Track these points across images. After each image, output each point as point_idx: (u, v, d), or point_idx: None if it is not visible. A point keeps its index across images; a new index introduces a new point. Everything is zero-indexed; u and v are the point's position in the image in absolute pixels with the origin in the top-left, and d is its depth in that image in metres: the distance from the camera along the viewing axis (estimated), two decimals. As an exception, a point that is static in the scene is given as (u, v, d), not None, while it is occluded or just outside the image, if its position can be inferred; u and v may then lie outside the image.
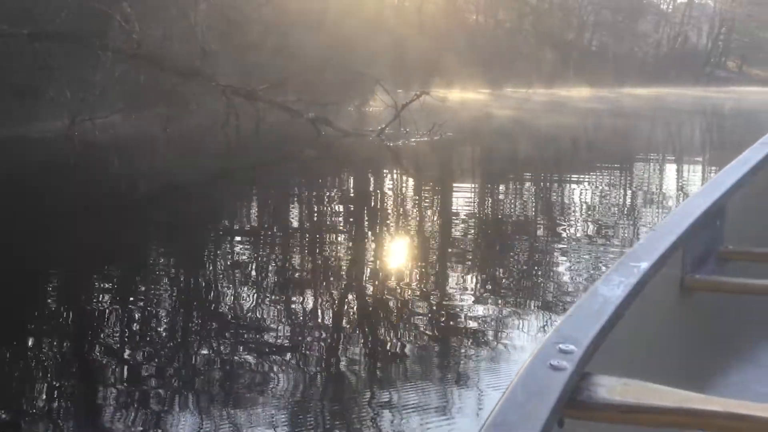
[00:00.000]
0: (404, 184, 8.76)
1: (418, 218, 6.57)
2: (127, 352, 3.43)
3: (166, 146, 12.21)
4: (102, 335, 3.67)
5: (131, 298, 4.22)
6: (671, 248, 1.64)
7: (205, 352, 3.37)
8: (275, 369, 3.12)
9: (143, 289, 4.46)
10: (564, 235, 5.80)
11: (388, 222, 6.54)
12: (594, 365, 1.16)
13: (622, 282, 1.39)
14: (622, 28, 50.05)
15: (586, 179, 8.79)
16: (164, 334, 3.70)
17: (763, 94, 35.00)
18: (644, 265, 1.49)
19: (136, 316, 3.94)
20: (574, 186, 8.55)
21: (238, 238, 5.82)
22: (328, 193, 8.29)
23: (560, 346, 1.12)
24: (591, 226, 6.19)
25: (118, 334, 3.70)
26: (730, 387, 1.83)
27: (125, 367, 3.24)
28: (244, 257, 5.23)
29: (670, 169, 10.61)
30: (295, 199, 7.94)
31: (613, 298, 1.32)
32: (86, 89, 12.10)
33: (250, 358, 3.23)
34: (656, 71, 47.84)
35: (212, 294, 4.44)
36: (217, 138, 12.92)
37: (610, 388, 1.09)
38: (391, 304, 4.04)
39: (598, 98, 31.15)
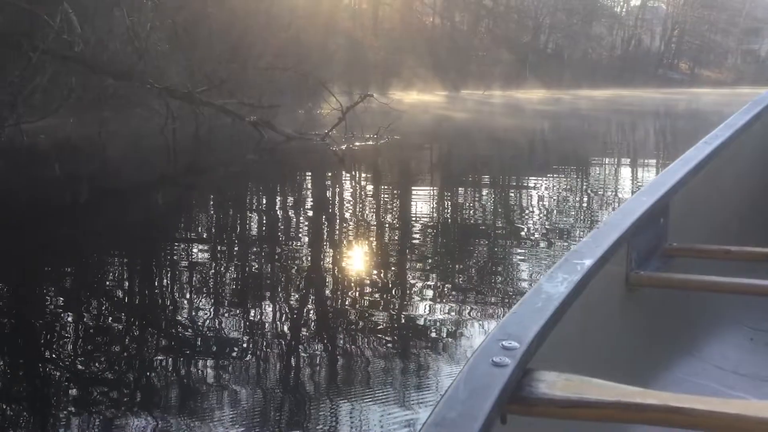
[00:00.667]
0: (344, 189, 8.32)
1: (356, 223, 6.20)
2: (61, 365, 3.16)
3: (99, 150, 11.61)
4: (26, 351, 3.35)
5: (59, 310, 3.82)
6: (615, 245, 1.65)
7: (139, 360, 3.17)
8: (213, 376, 2.98)
9: (67, 299, 4.04)
10: (512, 238, 5.47)
11: (327, 227, 6.15)
12: (537, 361, 1.16)
13: (565, 279, 1.40)
14: (576, 31, 50.46)
15: (536, 182, 8.50)
16: (92, 345, 3.36)
17: (713, 95, 35.46)
18: (588, 262, 1.49)
19: (70, 327, 3.61)
20: (522, 189, 8.25)
21: (168, 248, 5.35)
22: (263, 200, 7.85)
23: (503, 343, 1.13)
24: (540, 228, 5.89)
25: (45, 348, 3.33)
26: (673, 381, 1.87)
27: (58, 381, 3.01)
28: (179, 266, 4.79)
29: (624, 170, 10.39)
30: (228, 205, 7.46)
31: (557, 294, 1.32)
32: (14, 92, 11.41)
33: (186, 366, 3.09)
34: (610, 73, 48.35)
35: (146, 301, 4.15)
36: (155, 142, 12.36)
37: (552, 383, 1.09)
38: (330, 309, 3.77)
39: (553, 100, 31.16)
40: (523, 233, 5.68)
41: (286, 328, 3.57)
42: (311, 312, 3.81)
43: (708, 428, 1.01)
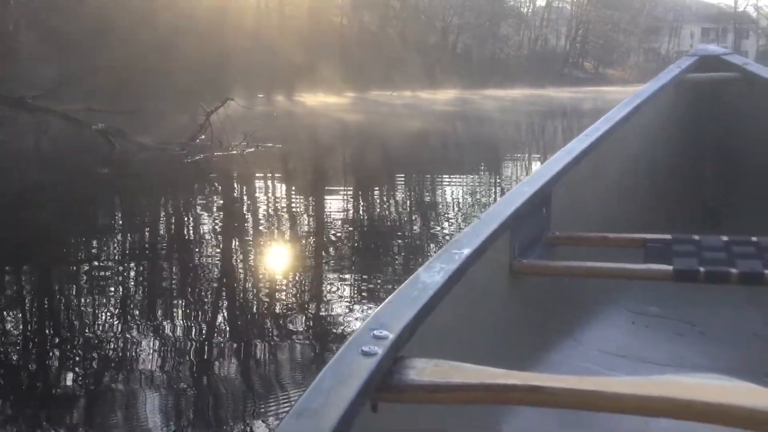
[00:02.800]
0: (178, 209, 7.34)
1: (198, 250, 5.38)
2: None
3: None
4: None
5: None
6: (496, 234, 1.67)
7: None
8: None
9: None
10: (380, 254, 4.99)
11: (163, 255, 5.38)
12: (410, 350, 1.16)
13: (443, 268, 1.40)
14: (484, 32, 51.00)
15: (402, 188, 8.10)
16: None
17: (617, 93, 36.26)
18: (467, 251, 1.51)
19: None
20: (393, 198, 7.70)
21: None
22: (94, 221, 6.76)
23: (374, 332, 1.12)
24: (414, 235, 5.45)
25: None
26: (553, 364, 1.91)
27: None
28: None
29: (521, 170, 10.05)
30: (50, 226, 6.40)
31: (432, 283, 1.33)
32: None
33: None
34: (518, 73, 49.07)
35: None
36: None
37: (420, 369, 1.09)
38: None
39: (460, 100, 31.07)
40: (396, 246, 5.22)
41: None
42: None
43: (566, 405, 1.05)
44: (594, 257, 1.95)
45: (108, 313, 3.90)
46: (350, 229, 6.11)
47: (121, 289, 4.40)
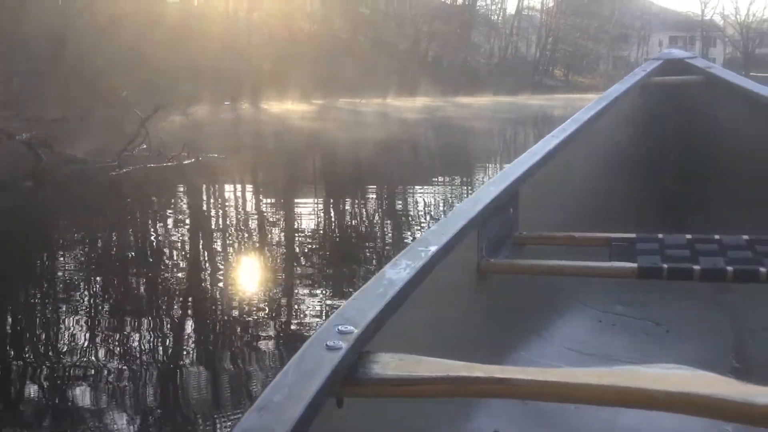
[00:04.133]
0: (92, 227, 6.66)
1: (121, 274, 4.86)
2: None
3: None
4: None
5: None
6: (463, 232, 1.66)
7: None
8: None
9: None
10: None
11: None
12: (375, 345, 1.15)
13: (409, 265, 1.38)
14: (455, 39, 50.96)
15: (344, 198, 7.72)
16: None
17: (587, 101, 36.25)
18: (433, 249, 1.49)
19: None
20: (335, 209, 7.30)
21: None
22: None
23: (339, 327, 1.11)
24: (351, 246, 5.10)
25: None
26: (520, 362, 1.91)
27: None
28: None
29: (484, 178, 9.62)
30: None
31: (398, 280, 1.32)
32: None
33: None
34: (489, 80, 49.09)
35: None
36: None
37: (385, 363, 1.09)
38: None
39: (428, 108, 30.77)
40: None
41: None
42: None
43: (530, 397, 1.07)
44: (561, 256, 1.98)
45: None
46: (279, 238, 5.78)
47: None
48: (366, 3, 45.27)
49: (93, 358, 3.26)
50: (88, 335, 3.60)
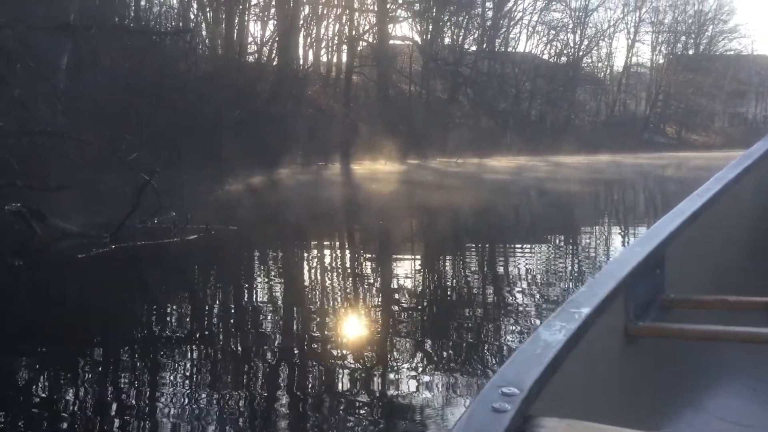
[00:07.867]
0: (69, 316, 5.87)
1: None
2: None
3: None
4: None
5: None
6: (612, 295, 1.66)
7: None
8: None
9: None
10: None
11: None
12: (537, 408, 1.15)
13: (563, 327, 1.40)
14: (558, 97, 49.39)
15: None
16: None
17: (702, 159, 33.94)
18: (585, 311, 1.49)
19: None
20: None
21: None
22: None
23: (503, 389, 1.12)
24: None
25: None
26: (672, 429, 1.87)
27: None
28: None
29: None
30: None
31: (555, 342, 1.32)
32: None
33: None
34: (595, 138, 46.99)
35: None
36: None
37: (553, 429, 1.08)
38: None
39: (523, 167, 29.15)
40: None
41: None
42: None
43: None
44: (712, 320, 1.96)
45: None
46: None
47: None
48: (468, 62, 44.59)
49: None
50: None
